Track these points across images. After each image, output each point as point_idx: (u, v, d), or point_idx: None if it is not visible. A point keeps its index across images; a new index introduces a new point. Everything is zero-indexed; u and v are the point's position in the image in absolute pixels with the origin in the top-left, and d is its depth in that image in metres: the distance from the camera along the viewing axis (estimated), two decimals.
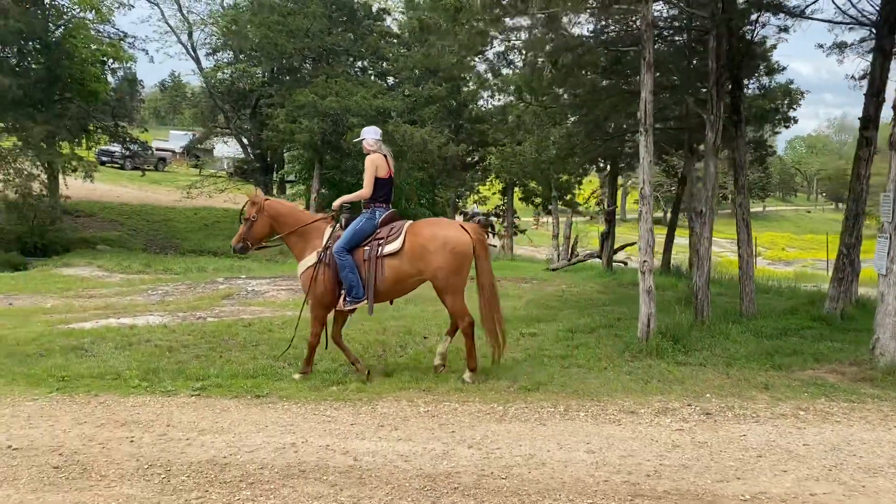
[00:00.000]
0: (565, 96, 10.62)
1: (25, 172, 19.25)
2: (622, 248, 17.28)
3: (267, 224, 7.06)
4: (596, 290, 14.23)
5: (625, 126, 11.18)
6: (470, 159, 20.98)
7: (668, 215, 16.36)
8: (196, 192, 27.43)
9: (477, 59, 21.90)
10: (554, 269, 16.75)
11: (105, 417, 6.02)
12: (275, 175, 28.70)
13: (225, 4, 26.55)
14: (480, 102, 22.96)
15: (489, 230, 30.18)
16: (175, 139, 47.23)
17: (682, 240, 19.87)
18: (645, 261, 8.30)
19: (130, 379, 7.09)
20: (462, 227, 6.77)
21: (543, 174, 13.88)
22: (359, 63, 25.21)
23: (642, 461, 4.94)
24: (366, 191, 6.79)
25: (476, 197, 23.39)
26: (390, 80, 26.34)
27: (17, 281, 16.06)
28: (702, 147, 13.45)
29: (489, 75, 21.80)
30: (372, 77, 26.09)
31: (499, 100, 22.87)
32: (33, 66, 20.68)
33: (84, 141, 22.74)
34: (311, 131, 19.46)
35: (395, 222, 6.85)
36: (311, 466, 4.99)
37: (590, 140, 11.07)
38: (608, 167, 15.06)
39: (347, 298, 6.78)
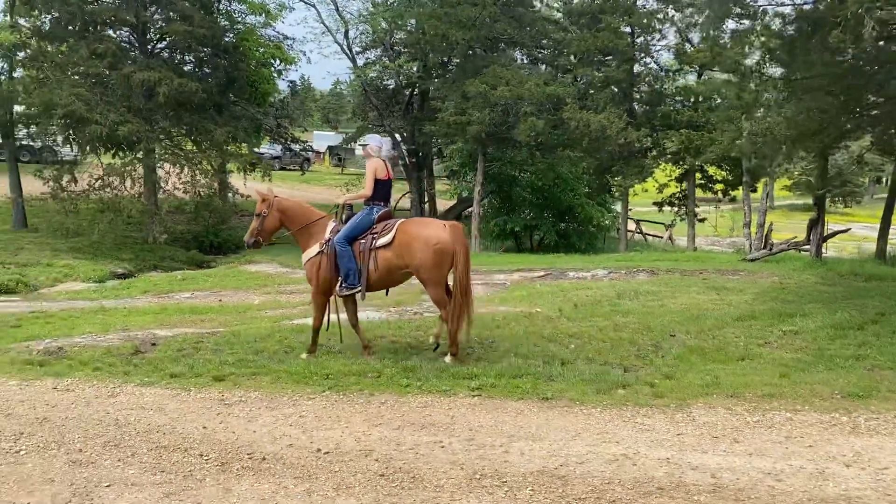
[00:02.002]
0: (795, 75, 9.43)
1: (211, 173, 20.01)
2: (833, 235, 15.76)
3: (277, 219, 7.72)
4: (815, 281, 12.89)
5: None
6: (640, 144, 19.83)
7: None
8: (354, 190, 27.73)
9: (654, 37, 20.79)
10: (752, 260, 15.47)
11: (397, 419, 5.69)
12: (424, 171, 28.53)
13: (376, 1, 26.57)
14: (661, 83, 21.69)
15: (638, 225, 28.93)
16: (320, 139, 48.52)
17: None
18: None
19: (395, 377, 6.77)
20: (444, 225, 7.26)
21: (790, 153, 12.70)
22: (516, 51, 24.51)
23: None
24: (367, 191, 7.50)
25: (655, 184, 22.10)
26: (543, 66, 25.53)
27: (212, 278, 16.59)
28: None
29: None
30: (522, 63, 25.37)
31: (689, 78, 21.64)
32: (210, 70, 21.46)
33: (257, 142, 23.47)
34: (481, 123, 19.01)
35: (390, 220, 7.52)
36: (665, 483, 4.40)
37: (842, 114, 9.83)
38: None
39: (344, 285, 7.40)
